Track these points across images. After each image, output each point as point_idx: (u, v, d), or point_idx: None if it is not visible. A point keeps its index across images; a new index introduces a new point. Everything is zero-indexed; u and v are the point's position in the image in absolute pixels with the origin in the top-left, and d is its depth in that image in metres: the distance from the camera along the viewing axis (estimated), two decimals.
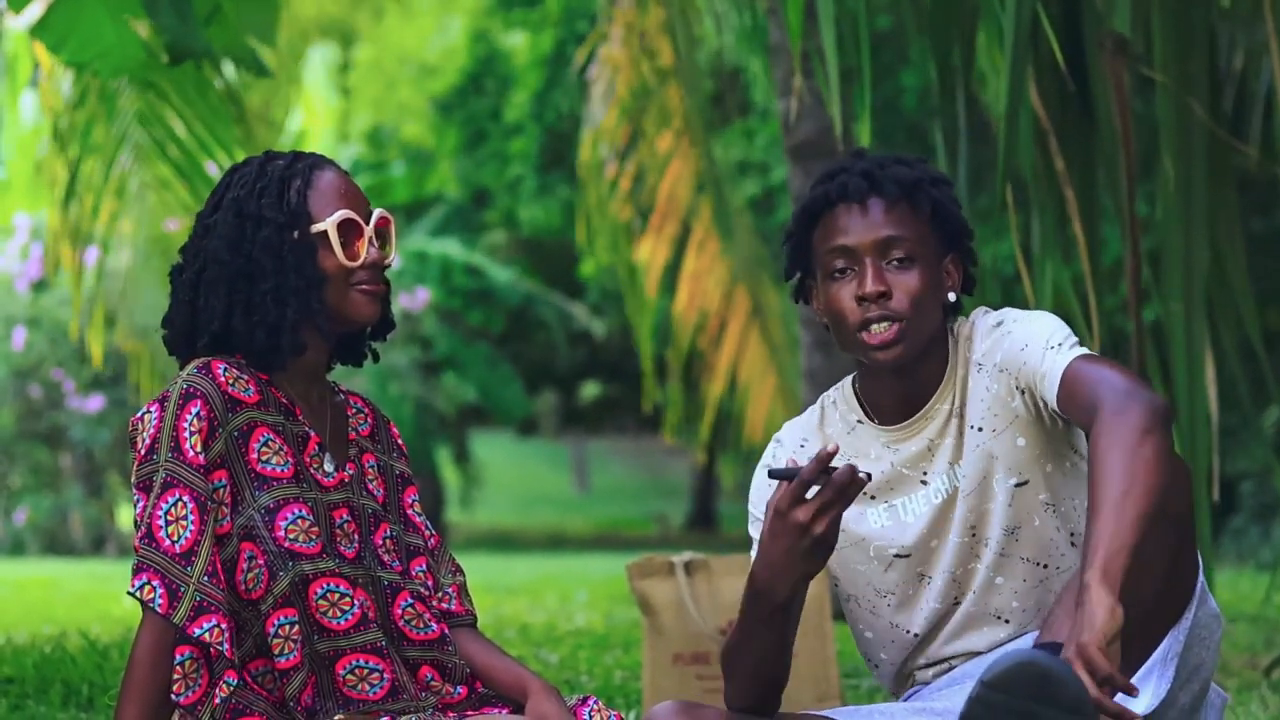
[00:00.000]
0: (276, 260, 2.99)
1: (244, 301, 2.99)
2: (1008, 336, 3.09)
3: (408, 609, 3.05)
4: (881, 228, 3.09)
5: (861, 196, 3.11)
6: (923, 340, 3.10)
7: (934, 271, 3.12)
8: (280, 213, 3.01)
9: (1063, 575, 3.12)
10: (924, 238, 3.11)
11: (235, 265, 3.00)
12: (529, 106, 17.58)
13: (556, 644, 7.12)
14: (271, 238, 2.99)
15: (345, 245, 3.01)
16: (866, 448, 3.20)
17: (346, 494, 3.04)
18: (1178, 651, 2.96)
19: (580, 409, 30.88)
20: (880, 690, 5.35)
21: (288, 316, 2.98)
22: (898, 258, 3.08)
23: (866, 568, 3.21)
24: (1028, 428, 3.09)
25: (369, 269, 3.03)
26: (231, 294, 3.00)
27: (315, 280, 2.99)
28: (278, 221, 3.00)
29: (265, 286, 2.98)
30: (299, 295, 2.98)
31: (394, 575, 3.05)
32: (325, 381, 3.13)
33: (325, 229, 3.00)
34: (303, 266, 2.99)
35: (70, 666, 5.41)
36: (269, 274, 2.99)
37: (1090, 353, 3.04)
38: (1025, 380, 3.06)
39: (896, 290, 3.07)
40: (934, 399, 3.15)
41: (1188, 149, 5.20)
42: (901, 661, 3.24)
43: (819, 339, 7.62)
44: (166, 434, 2.90)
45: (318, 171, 3.06)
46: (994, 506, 3.11)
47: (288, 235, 3.00)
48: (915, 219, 3.11)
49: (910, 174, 3.13)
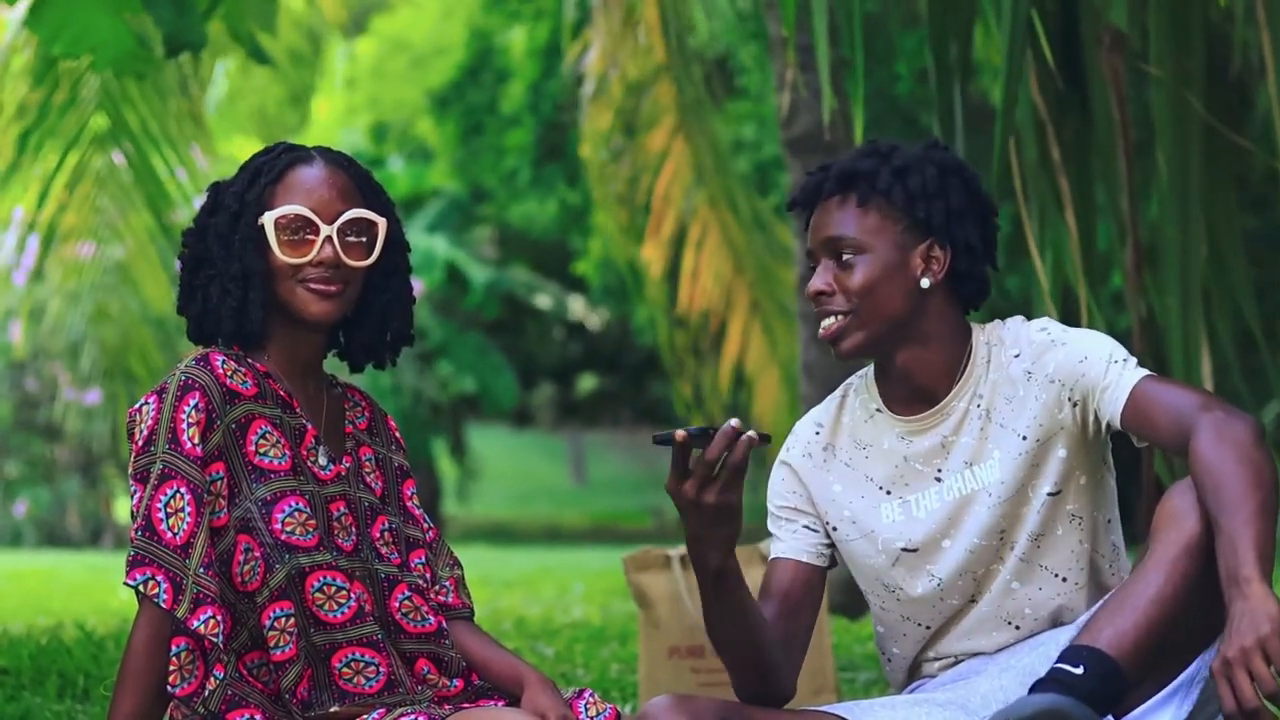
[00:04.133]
0: (224, 248, 3.00)
1: (202, 287, 3.02)
2: (1062, 348, 3.09)
3: (405, 602, 3.04)
4: (825, 228, 3.14)
5: (808, 202, 3.19)
6: (880, 330, 3.12)
7: (890, 261, 3.12)
8: (238, 201, 3.02)
9: (1081, 591, 3.12)
10: (877, 229, 3.12)
11: (196, 251, 3.04)
12: (525, 99, 17.55)
13: (553, 637, 7.12)
14: (223, 225, 3.01)
15: (291, 241, 3.00)
16: (882, 437, 3.21)
17: (343, 487, 3.04)
18: (1206, 676, 2.94)
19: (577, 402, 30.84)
20: (877, 684, 5.35)
21: (226, 304, 2.99)
22: (845, 252, 3.12)
23: (875, 561, 3.21)
24: (1071, 439, 3.09)
25: (320, 266, 3.00)
26: (192, 279, 3.03)
27: (254, 270, 2.99)
28: (232, 210, 3.01)
29: (211, 272, 3.01)
30: (238, 283, 2.99)
31: (391, 568, 3.04)
32: (322, 374, 3.13)
33: (264, 223, 3.00)
34: (244, 256, 2.99)
35: (66, 658, 5.40)
36: (215, 260, 3.01)
37: (1154, 374, 3.06)
38: (1081, 393, 3.06)
39: (839, 287, 3.11)
40: (951, 394, 3.15)
41: (1184, 143, 5.19)
42: (914, 655, 3.24)
43: (815, 333, 7.61)
44: (164, 425, 2.90)
45: (299, 165, 3.04)
46: (1026, 512, 3.11)
47: (238, 224, 3.01)
48: (864, 212, 3.12)
49: (861, 166, 3.15)
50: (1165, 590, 2.86)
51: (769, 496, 3.28)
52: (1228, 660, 2.70)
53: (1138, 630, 2.84)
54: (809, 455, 3.25)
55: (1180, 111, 5.18)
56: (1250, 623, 2.70)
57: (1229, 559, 2.76)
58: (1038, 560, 3.12)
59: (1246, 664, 2.68)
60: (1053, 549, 3.12)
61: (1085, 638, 2.87)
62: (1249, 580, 2.72)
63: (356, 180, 3.07)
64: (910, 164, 3.14)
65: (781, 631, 3.14)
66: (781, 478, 3.26)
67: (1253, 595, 2.71)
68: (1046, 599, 3.13)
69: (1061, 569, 3.12)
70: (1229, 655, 2.70)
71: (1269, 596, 2.71)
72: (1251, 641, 2.69)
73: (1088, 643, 2.85)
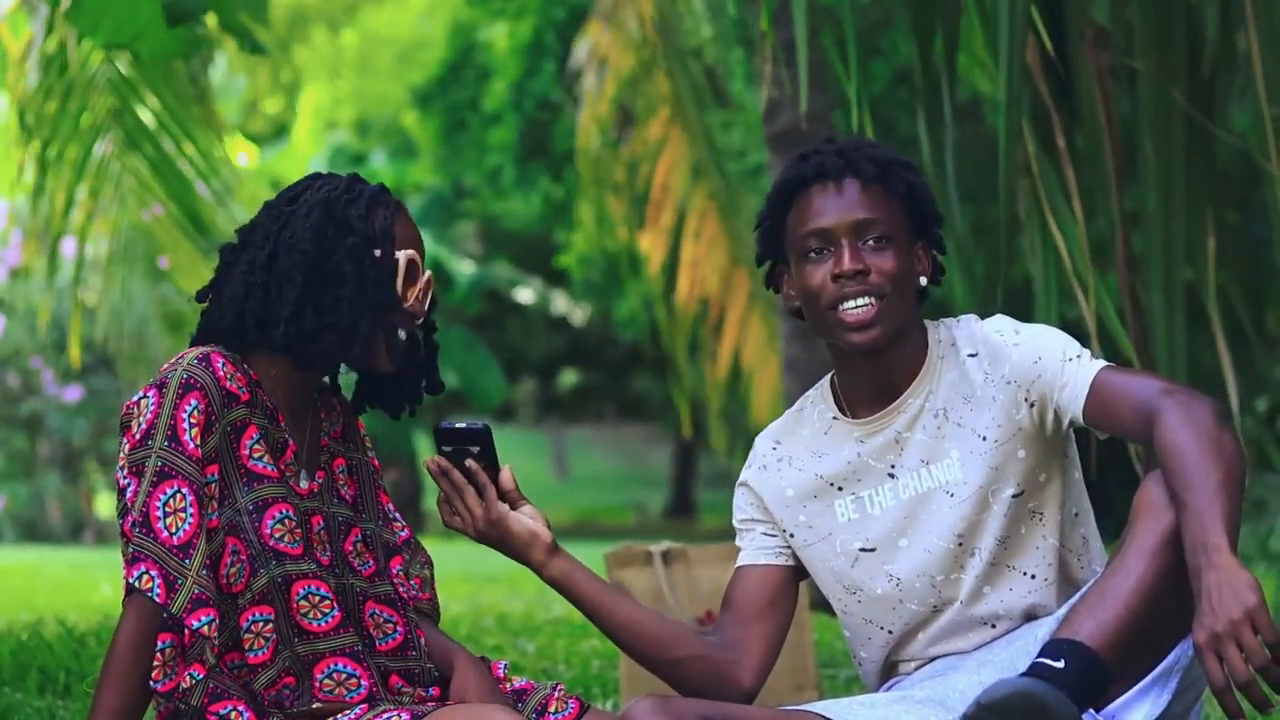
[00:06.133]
0: (358, 269, 2.98)
1: (316, 300, 2.98)
2: (1015, 349, 3.08)
3: (374, 616, 3.06)
4: (857, 209, 3.07)
5: (838, 175, 3.09)
6: (898, 323, 3.08)
7: (907, 255, 3.11)
8: (368, 226, 3.01)
9: (1051, 587, 3.11)
10: (898, 221, 3.10)
11: (315, 260, 2.98)
12: (508, 96, 17.53)
13: (534, 633, 7.11)
14: (358, 246, 2.99)
15: (406, 284, 3.03)
16: (838, 445, 3.19)
17: (318, 503, 3.04)
18: (1184, 665, 2.91)
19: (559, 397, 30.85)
20: (858, 680, 5.34)
21: (361, 329, 2.98)
22: (874, 238, 3.07)
23: (834, 564, 3.19)
24: (1029, 440, 3.07)
25: (409, 316, 3.05)
26: (306, 288, 2.98)
27: (391, 301, 3.01)
28: (365, 233, 3.00)
29: (344, 292, 2.97)
30: (375, 310, 2.98)
31: (362, 582, 3.06)
32: (309, 392, 3.12)
33: (400, 259, 3.01)
34: (382, 283, 2.99)
35: (47, 654, 5.40)
36: (349, 280, 2.98)
37: (1111, 364, 3.04)
38: (1039, 393, 3.05)
39: (874, 269, 3.06)
40: (907, 392, 3.14)
41: (1168, 140, 5.19)
42: (883, 659, 3.23)
43: (797, 328, 7.60)
44: (164, 422, 2.88)
45: (402, 209, 3.08)
46: (988, 517, 3.09)
47: (370, 250, 2.99)
48: (889, 201, 3.09)
49: (884, 155, 3.12)
50: (1145, 581, 2.83)
51: (733, 517, 3.29)
52: (1216, 634, 2.65)
53: (1119, 621, 2.82)
54: (764, 468, 3.25)
55: (1163, 107, 5.18)
56: (1233, 594, 2.65)
57: (1194, 530, 2.72)
58: (1005, 561, 3.10)
59: (1235, 637, 2.64)
60: (1019, 549, 3.10)
61: (1066, 631, 2.84)
62: (1218, 549, 2.69)
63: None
64: (911, 163, 3.15)
65: (730, 635, 3.15)
66: (740, 495, 3.28)
67: (1224, 565, 2.67)
68: (1018, 599, 3.11)
69: (1029, 567, 3.10)
70: (1218, 629, 2.65)
71: (1240, 566, 2.67)
72: (1239, 614, 2.64)
73: (1069, 636, 2.83)
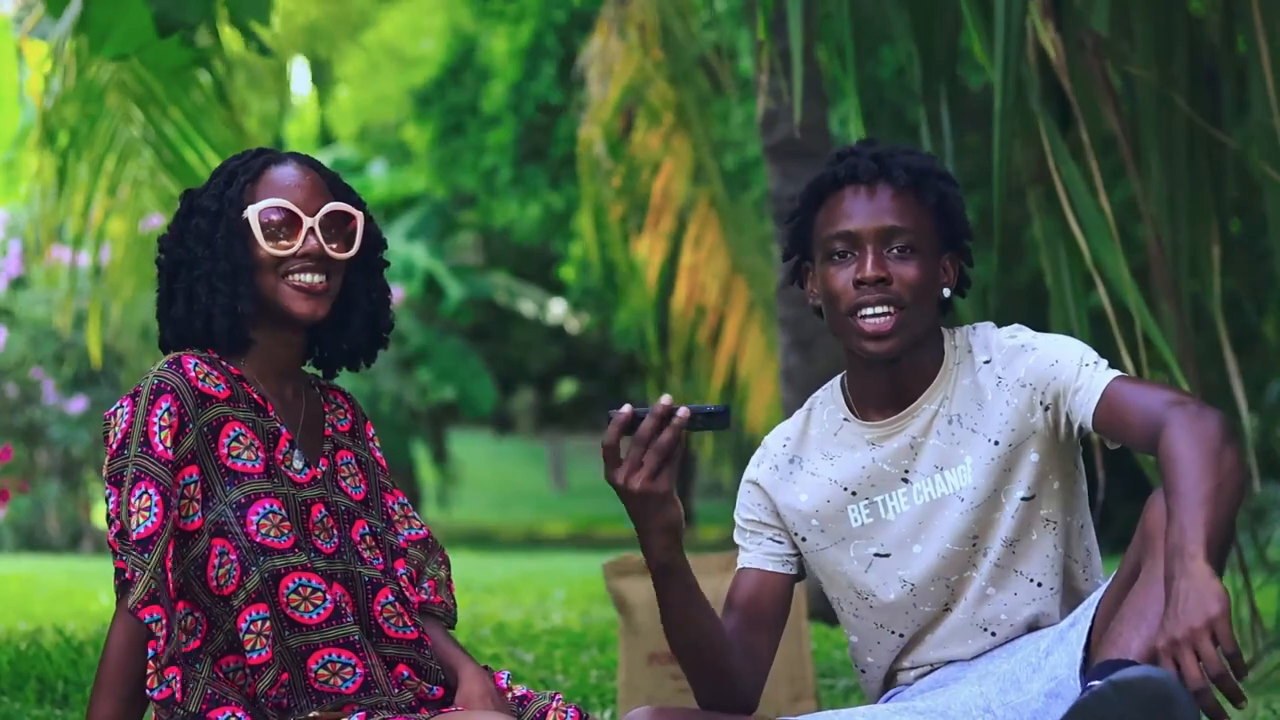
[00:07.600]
0: (207, 246, 3.00)
1: (184, 290, 3.01)
2: (1033, 353, 3.08)
3: (388, 606, 3.05)
4: (886, 216, 3.07)
5: (871, 179, 3.08)
6: (916, 334, 3.08)
7: (933, 265, 3.10)
8: (216, 201, 3.02)
9: (1056, 596, 3.11)
10: (926, 230, 3.09)
11: (175, 255, 3.03)
12: (506, 99, 17.53)
13: (532, 643, 7.10)
14: (203, 225, 3.01)
15: (274, 234, 3.01)
16: (850, 447, 3.19)
17: (320, 490, 3.03)
18: None
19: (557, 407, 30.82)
20: (856, 690, 5.34)
21: (218, 302, 2.98)
22: (899, 246, 3.07)
23: (847, 568, 3.19)
24: (1043, 443, 3.08)
25: (303, 259, 3.01)
26: (172, 283, 3.03)
27: (242, 266, 2.99)
28: (211, 210, 3.02)
29: (197, 272, 3.00)
30: (226, 280, 2.98)
31: (375, 572, 3.05)
32: (302, 376, 3.13)
33: (249, 216, 3.00)
34: (230, 252, 2.99)
35: (46, 663, 5.39)
36: (200, 260, 3.00)
37: (1126, 375, 3.05)
38: (1053, 395, 3.05)
39: (896, 278, 3.06)
40: (922, 398, 3.14)
41: (1170, 146, 5.19)
42: (889, 665, 3.23)
43: (796, 339, 7.59)
44: (137, 429, 2.90)
45: (273, 165, 3.06)
46: (999, 517, 3.10)
47: (219, 223, 3.01)
48: (920, 210, 3.09)
49: (920, 163, 3.11)
50: None
51: (736, 512, 3.27)
52: (1175, 640, 2.67)
53: None
54: (775, 469, 3.24)
55: (1165, 113, 5.18)
56: (1198, 603, 2.66)
57: (1174, 537, 2.73)
58: (1013, 566, 3.11)
59: (1194, 645, 2.65)
60: (1028, 554, 3.11)
61: (1114, 652, 2.84)
62: (1193, 557, 2.69)
63: (327, 179, 3.10)
64: (948, 174, 3.14)
65: (744, 642, 3.13)
66: (748, 493, 3.26)
67: (1196, 573, 2.68)
68: (1021, 604, 3.12)
69: (1037, 574, 3.11)
70: (1177, 635, 2.66)
71: (1213, 576, 2.68)
72: (1200, 622, 2.65)
73: (1119, 656, 2.83)
